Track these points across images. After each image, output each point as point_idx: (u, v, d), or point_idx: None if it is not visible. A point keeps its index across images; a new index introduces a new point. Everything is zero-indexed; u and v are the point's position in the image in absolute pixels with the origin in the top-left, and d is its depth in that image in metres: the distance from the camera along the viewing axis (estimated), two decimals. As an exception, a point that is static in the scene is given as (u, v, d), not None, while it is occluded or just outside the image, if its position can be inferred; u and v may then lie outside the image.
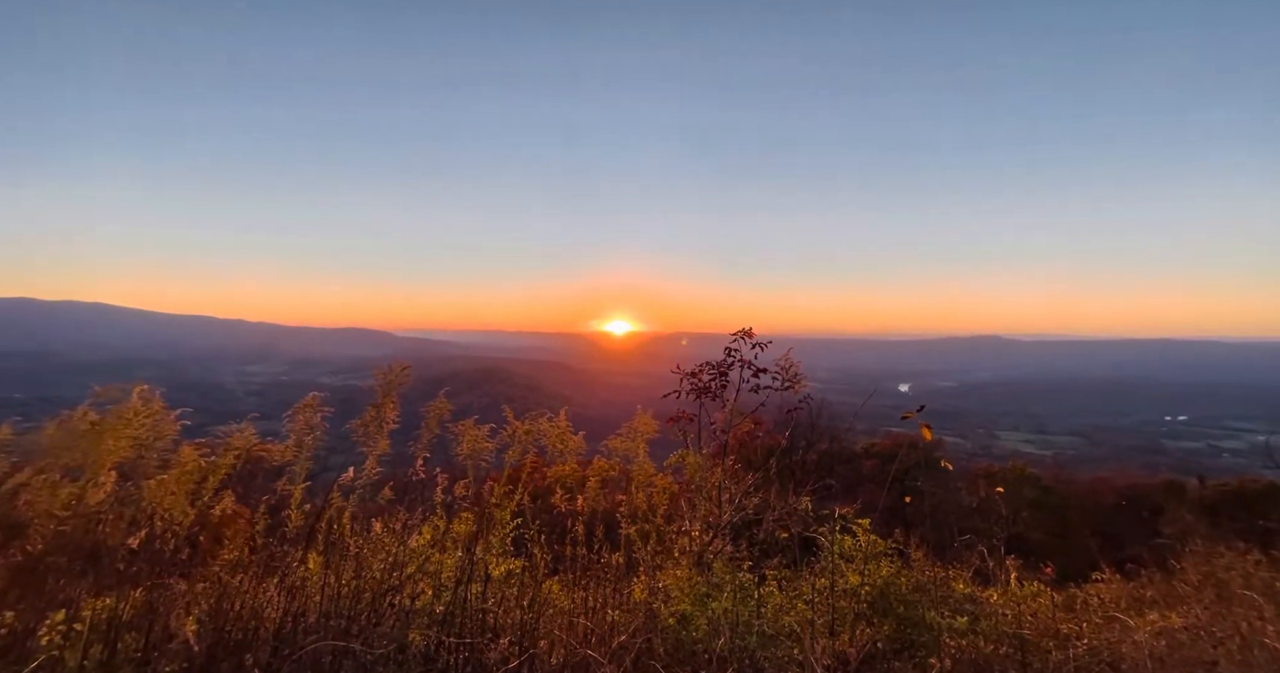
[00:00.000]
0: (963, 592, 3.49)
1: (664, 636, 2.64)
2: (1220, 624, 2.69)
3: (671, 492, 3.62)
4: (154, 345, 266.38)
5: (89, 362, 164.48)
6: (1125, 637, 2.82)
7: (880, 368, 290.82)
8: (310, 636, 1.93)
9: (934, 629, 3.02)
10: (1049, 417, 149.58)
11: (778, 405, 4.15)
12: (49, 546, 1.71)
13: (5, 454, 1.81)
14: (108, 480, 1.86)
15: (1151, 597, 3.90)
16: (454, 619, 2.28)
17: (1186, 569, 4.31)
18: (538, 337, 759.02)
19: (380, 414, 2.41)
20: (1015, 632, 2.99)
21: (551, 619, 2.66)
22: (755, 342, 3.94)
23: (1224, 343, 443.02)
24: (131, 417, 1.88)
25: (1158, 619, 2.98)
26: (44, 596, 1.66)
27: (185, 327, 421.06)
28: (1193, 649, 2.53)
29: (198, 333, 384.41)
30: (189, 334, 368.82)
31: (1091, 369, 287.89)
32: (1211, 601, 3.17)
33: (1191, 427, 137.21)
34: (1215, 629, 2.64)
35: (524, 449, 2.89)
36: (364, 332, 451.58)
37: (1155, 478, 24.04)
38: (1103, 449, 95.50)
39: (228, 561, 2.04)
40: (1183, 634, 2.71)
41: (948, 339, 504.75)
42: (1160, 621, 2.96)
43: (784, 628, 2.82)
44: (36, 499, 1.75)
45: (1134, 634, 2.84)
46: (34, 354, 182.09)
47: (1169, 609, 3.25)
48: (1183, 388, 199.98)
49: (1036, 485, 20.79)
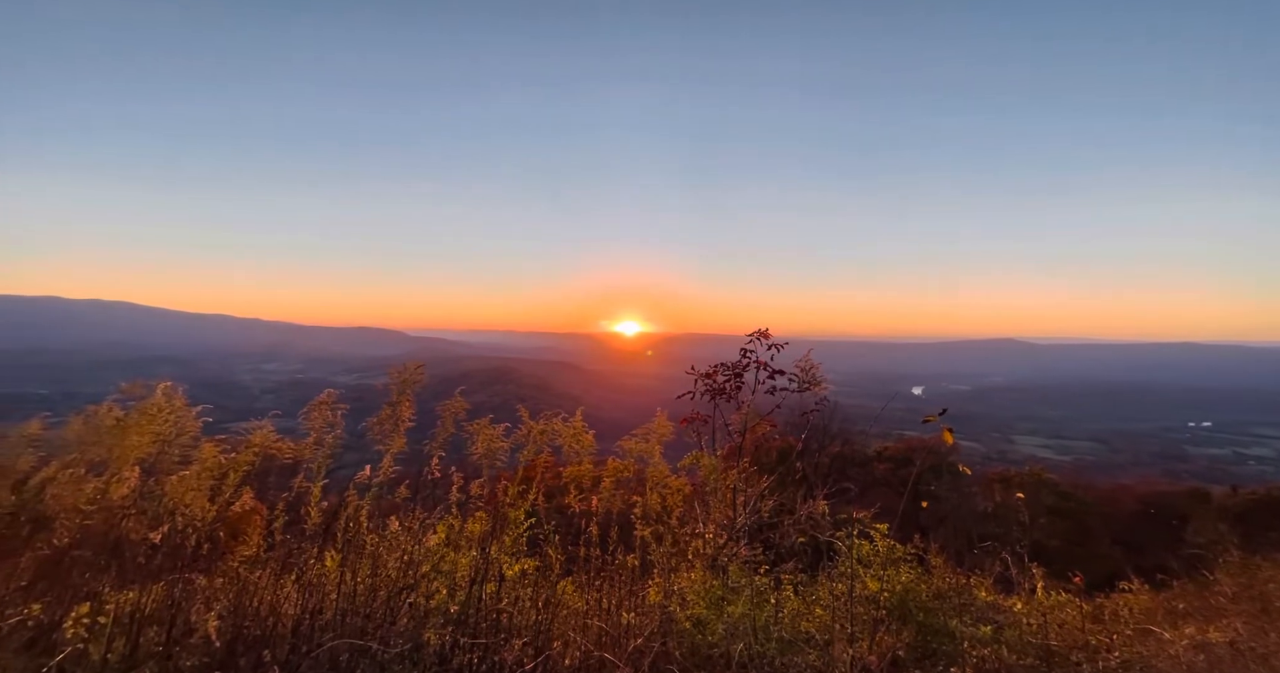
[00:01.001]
0: (985, 600, 3.40)
1: (680, 639, 2.61)
2: (1262, 640, 2.57)
3: (686, 493, 3.58)
4: (174, 343, 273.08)
5: (113, 359, 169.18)
6: (1160, 651, 2.71)
7: (892, 371, 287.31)
8: (327, 633, 1.93)
9: (956, 638, 2.94)
10: (1067, 421, 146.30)
11: (793, 408, 4.10)
12: (74, 539, 1.73)
13: (34, 449, 1.84)
14: (131, 476, 1.88)
15: (1185, 609, 3.75)
16: (469, 619, 2.27)
17: (1220, 580, 4.14)
18: (548, 337, 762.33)
19: (396, 413, 2.41)
20: (1041, 642, 2.90)
21: (566, 620, 2.64)
22: (771, 343, 3.89)
23: (1250, 347, 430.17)
24: (155, 413, 1.90)
25: (1195, 633, 2.85)
26: (69, 589, 1.68)
27: (204, 325, 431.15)
28: (1234, 666, 2.42)
29: (216, 331, 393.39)
30: (207, 332, 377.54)
31: (1111, 373, 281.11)
32: (1254, 614, 3.03)
33: (1216, 433, 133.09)
34: (1257, 645, 2.52)
35: (538, 449, 2.88)
36: (377, 331, 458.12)
37: (1178, 485, 23.35)
38: (1123, 455, 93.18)
39: (247, 557, 2.05)
40: (1223, 649, 2.59)
41: (962, 341, 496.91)
42: (1198, 634, 2.83)
43: (802, 634, 2.76)
44: (62, 494, 1.77)
45: (1169, 648, 2.73)
46: (62, 351, 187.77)
47: (1206, 623, 3.11)
48: (1206, 393, 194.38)
49: (1054, 491, 20.29)
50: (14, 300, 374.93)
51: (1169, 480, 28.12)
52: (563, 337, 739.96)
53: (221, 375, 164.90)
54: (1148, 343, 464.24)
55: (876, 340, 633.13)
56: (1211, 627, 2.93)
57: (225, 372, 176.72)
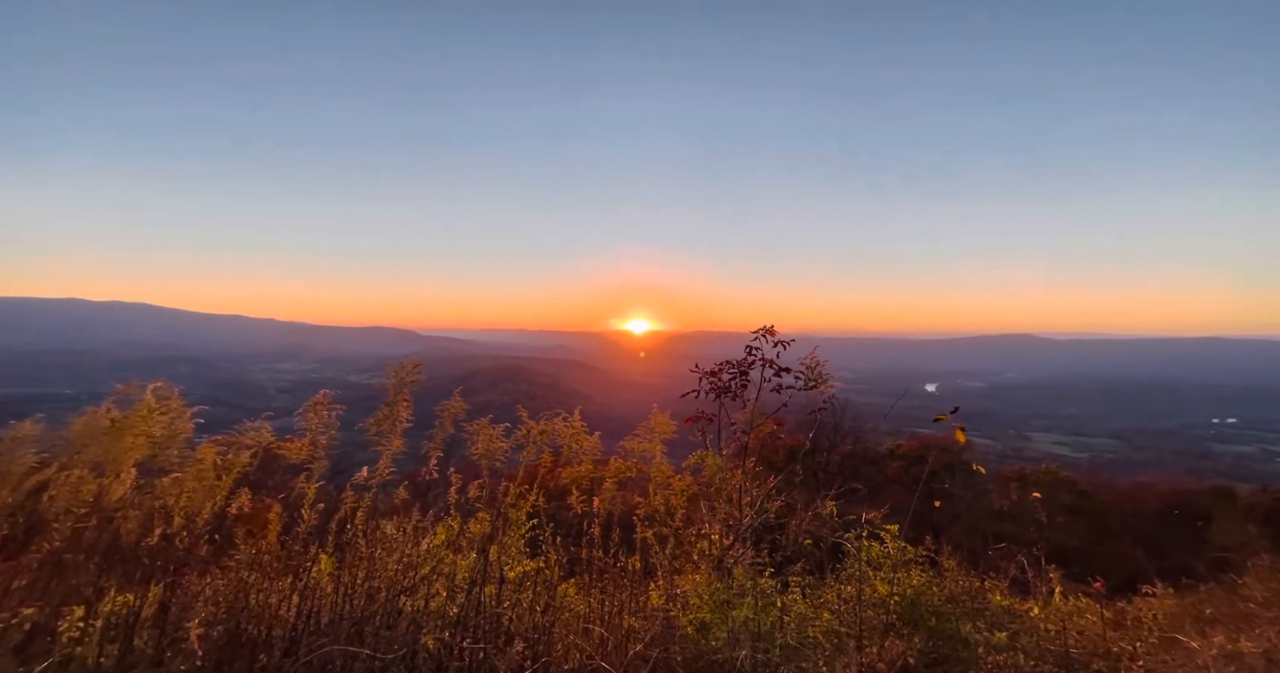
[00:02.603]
0: (1000, 604, 3.29)
1: (682, 645, 2.55)
2: (1299, 651, 2.43)
3: (690, 494, 3.52)
4: (191, 344, 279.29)
5: (132, 359, 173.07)
6: (1187, 661, 2.58)
7: (904, 368, 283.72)
8: (322, 638, 1.90)
9: (970, 644, 2.85)
10: (1086, 419, 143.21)
11: (800, 406, 4.01)
12: (69, 542, 1.73)
13: (37, 450, 1.84)
14: (128, 477, 1.87)
15: (1212, 615, 3.59)
16: (468, 622, 2.24)
17: (1250, 585, 3.97)
18: (558, 336, 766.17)
19: (394, 413, 2.39)
20: (1060, 650, 2.79)
21: (566, 624, 2.59)
22: (777, 340, 3.80)
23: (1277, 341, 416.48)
24: (146, 414, 1.89)
25: (1224, 642, 2.71)
26: (64, 591, 1.67)
27: (221, 326, 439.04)
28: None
29: (232, 331, 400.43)
30: (224, 333, 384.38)
31: (1132, 369, 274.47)
32: (1289, 622, 2.89)
33: (1242, 430, 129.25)
34: (1293, 656, 2.38)
35: (539, 449, 2.84)
36: (390, 331, 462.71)
37: (1202, 484, 22.69)
38: (1144, 453, 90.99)
39: (243, 559, 2.04)
40: (1256, 660, 2.45)
41: (977, 338, 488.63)
42: (1228, 643, 2.70)
43: (809, 640, 2.69)
44: (59, 495, 1.77)
45: (1197, 658, 2.60)
46: (83, 351, 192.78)
47: (1236, 631, 2.97)
48: (1232, 389, 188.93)
49: (1072, 490, 19.85)
50: (37, 303, 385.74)
51: (1192, 479, 27.35)
52: (573, 335, 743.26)
53: (238, 375, 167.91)
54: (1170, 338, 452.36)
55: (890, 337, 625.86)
56: (1243, 636, 2.78)
57: (241, 371, 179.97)
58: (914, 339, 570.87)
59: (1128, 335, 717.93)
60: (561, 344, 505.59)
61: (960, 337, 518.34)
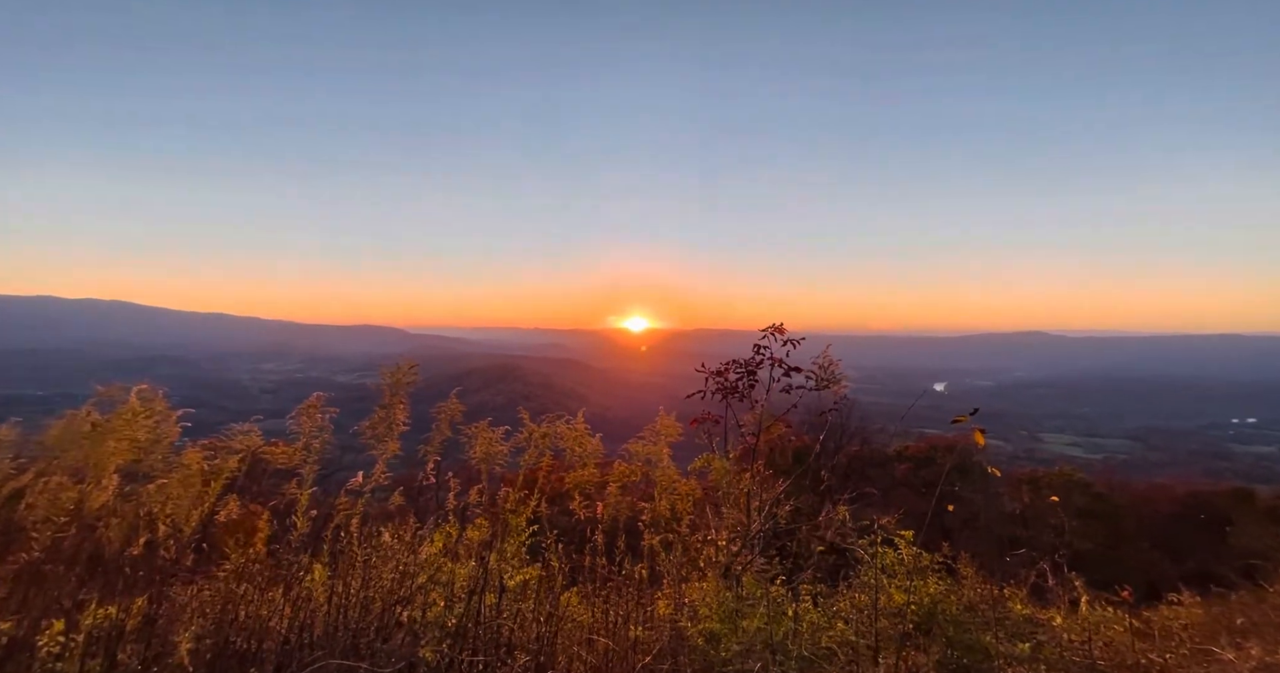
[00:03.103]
0: (1021, 613, 3.15)
1: (691, 657, 2.45)
2: (1347, 666, 2.29)
3: (696, 498, 3.42)
4: (171, 343, 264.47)
5: (109, 359, 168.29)
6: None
7: (911, 366, 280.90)
8: (317, 650, 1.83)
9: (991, 655, 2.72)
10: (1100, 419, 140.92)
11: (809, 407, 3.89)
12: (48, 552, 1.66)
13: (12, 455, 1.77)
14: (110, 484, 1.80)
15: (1244, 625, 3.43)
16: (467, 633, 2.15)
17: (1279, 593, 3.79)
18: (553, 334, 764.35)
19: (389, 415, 2.31)
20: (1086, 662, 2.66)
21: (570, 635, 2.51)
22: (787, 338, 3.69)
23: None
24: (130, 418, 1.82)
25: (1262, 654, 2.57)
26: (43, 604, 1.61)
27: (201, 324, 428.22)
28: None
29: (214, 330, 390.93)
30: (205, 331, 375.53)
31: (1148, 367, 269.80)
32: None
33: (1262, 430, 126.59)
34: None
35: (540, 452, 2.75)
36: (377, 329, 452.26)
37: (1220, 485, 22.18)
38: (1161, 454, 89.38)
39: (232, 569, 1.97)
40: (1302, 677, 2.31)
41: (986, 335, 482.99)
42: (1265, 655, 2.55)
43: (823, 650, 2.58)
44: (37, 503, 1.70)
45: (1231, 671, 2.46)
46: (57, 351, 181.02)
47: (1273, 642, 2.81)
48: (1252, 388, 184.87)
49: (1086, 492, 19.47)
50: (8, 300, 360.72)
51: (1210, 480, 26.76)
52: (568, 333, 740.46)
53: (220, 375, 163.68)
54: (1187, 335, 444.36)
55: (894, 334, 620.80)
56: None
57: (223, 371, 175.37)
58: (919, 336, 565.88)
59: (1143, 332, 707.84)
60: (556, 342, 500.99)
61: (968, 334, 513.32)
